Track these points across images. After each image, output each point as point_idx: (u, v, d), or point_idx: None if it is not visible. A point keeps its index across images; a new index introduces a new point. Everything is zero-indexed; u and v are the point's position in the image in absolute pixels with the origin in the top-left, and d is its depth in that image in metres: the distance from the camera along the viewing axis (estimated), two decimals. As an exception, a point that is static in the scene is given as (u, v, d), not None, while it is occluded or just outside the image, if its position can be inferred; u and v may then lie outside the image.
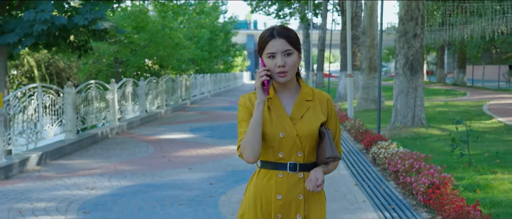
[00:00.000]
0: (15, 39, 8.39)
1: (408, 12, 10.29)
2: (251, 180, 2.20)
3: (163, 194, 5.77)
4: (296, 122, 2.10)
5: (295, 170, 2.10)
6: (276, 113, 2.11)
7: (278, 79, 2.08)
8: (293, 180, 2.10)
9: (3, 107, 6.76)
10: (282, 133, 2.08)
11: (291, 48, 2.08)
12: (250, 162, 2.06)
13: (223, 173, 6.87)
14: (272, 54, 2.07)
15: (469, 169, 6.33)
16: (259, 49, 2.12)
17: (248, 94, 2.18)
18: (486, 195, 5.10)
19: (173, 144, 9.56)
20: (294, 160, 2.10)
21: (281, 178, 2.10)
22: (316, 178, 2.04)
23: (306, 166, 2.12)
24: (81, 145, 9.09)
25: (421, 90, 10.37)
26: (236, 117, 8.95)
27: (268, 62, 2.08)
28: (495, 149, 7.76)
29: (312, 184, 2.02)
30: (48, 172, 7.03)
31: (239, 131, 2.13)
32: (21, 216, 4.94)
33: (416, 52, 10.29)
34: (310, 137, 2.10)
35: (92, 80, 10.88)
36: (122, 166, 7.46)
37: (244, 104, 2.16)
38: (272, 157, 2.11)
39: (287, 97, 2.15)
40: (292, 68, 2.08)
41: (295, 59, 2.09)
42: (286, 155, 2.09)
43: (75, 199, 5.55)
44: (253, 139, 2.02)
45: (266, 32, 2.10)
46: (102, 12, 9.04)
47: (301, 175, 2.11)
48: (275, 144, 2.08)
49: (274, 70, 2.06)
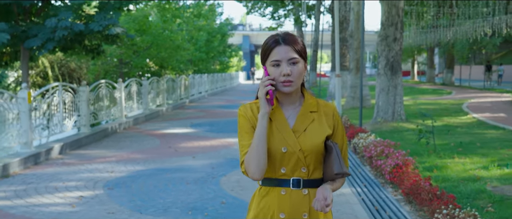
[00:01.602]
0: (38, 43, 9.45)
1: (388, 18, 11.38)
2: (253, 199, 2.05)
3: (172, 176, 6.82)
4: (299, 135, 1.94)
5: (299, 187, 1.94)
6: (278, 126, 1.95)
7: (283, 89, 1.92)
8: (297, 198, 1.94)
9: (31, 103, 7.80)
10: (285, 148, 1.93)
11: (297, 56, 1.93)
12: (256, 178, 1.89)
13: (223, 160, 7.93)
14: (276, 62, 1.91)
15: (433, 155, 7.42)
16: (263, 57, 1.97)
17: (249, 104, 2.02)
18: (440, 174, 6.19)
19: (176, 137, 10.61)
20: (297, 176, 1.94)
21: (284, 195, 1.94)
22: (324, 197, 1.86)
23: (311, 182, 1.96)
24: (95, 137, 10.12)
25: (401, 88, 11.47)
26: (234, 115, 10.72)
27: (273, 70, 1.92)
28: (461, 140, 8.85)
29: (321, 204, 1.85)
30: (70, 160, 8.07)
31: (241, 144, 1.97)
32: (57, 191, 5.98)
33: (396, 54, 11.38)
34: (314, 152, 1.94)
35: (101, 80, 11.92)
36: (134, 155, 8.51)
37: (244, 115, 1.99)
38: (273, 173, 1.95)
39: (289, 108, 2.00)
40: (298, 77, 1.92)
41: (301, 68, 1.94)
42: (289, 171, 1.94)
43: (99, 179, 6.60)
44: (258, 154, 1.87)
45: (270, 39, 1.96)
46: (114, 19, 10.09)
47: (305, 192, 1.95)
48: (277, 159, 1.93)
49: (279, 79, 1.91)
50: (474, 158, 7.12)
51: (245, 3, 40.48)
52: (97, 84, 11.05)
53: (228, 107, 18.51)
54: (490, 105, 16.16)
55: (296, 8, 37.76)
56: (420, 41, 28.79)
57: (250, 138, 1.94)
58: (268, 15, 40.75)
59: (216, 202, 5.45)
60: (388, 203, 5.30)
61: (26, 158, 7.42)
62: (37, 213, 5.07)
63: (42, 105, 8.52)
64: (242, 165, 1.93)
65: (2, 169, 6.77)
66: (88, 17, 9.98)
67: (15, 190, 6.06)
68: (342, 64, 19.08)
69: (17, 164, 7.15)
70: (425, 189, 5.16)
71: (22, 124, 7.76)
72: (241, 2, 40.57)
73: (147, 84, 15.09)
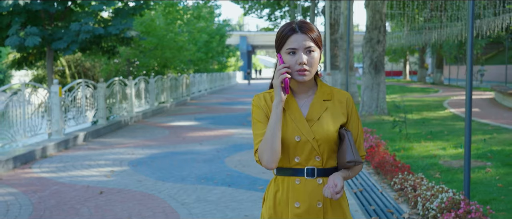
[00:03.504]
0: (64, 45, 10.76)
1: (372, 22, 12.72)
2: (268, 189, 2.05)
3: (184, 157, 8.12)
4: (313, 124, 1.93)
5: (313, 176, 1.93)
6: (291, 115, 1.94)
7: (298, 78, 1.90)
8: (311, 187, 1.93)
9: (62, 96, 9.10)
10: (298, 137, 1.91)
11: (313, 44, 1.90)
12: (270, 167, 1.89)
13: (226, 146, 9.24)
14: (292, 50, 1.89)
15: (403, 140, 8.74)
16: (278, 45, 1.93)
17: (262, 94, 2.01)
18: (406, 153, 7.52)
19: (183, 129, 11.91)
20: (311, 165, 1.93)
21: (298, 185, 1.94)
22: (334, 184, 1.86)
23: (325, 171, 1.95)
24: (111, 128, 11.42)
25: (383, 85, 12.81)
26: (233, 110, 12.79)
27: (288, 58, 1.89)
28: (432, 129, 10.18)
29: (330, 190, 1.84)
30: (94, 145, 9.37)
31: (255, 133, 1.96)
32: (91, 167, 7.28)
33: (379, 55, 12.72)
34: (328, 140, 1.92)
35: (115, 78, 13.22)
36: (148, 142, 9.81)
37: (258, 105, 1.99)
38: (287, 162, 1.95)
39: (303, 97, 1.98)
40: (314, 66, 1.91)
41: (316, 57, 1.92)
42: (303, 160, 1.93)
43: (123, 159, 7.90)
44: (272, 142, 1.85)
45: (286, 27, 1.92)
46: (129, 23, 11.41)
47: (320, 181, 1.94)
48: (291, 148, 1.92)
49: (294, 67, 1.89)
50: (437, 142, 8.46)
51: (242, 4, 41.86)
52: (111, 81, 12.34)
53: (228, 104, 19.84)
54: (469, 102, 17.52)
55: (292, 10, 39.08)
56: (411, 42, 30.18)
57: (264, 127, 1.93)
58: (265, 17, 42.15)
59: (222, 174, 6.75)
60: (361, 174, 6.62)
61: (59, 143, 8.72)
62: (80, 181, 6.37)
63: (69, 99, 9.81)
64: (256, 153, 1.92)
65: (42, 151, 8.07)
66: (104, 22, 11.29)
67: (56, 166, 7.36)
68: (334, 64, 20.42)
69: (52, 147, 8.45)
70: (389, 162, 6.48)
71: (54, 114, 9.06)
72: (239, 3, 41.97)
73: (154, 82, 16.39)
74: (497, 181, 5.64)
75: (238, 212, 4.92)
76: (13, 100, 7.94)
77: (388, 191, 5.69)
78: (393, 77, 55.60)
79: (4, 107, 7.67)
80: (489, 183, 5.60)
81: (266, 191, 2.06)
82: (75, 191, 5.83)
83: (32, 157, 7.73)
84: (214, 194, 5.64)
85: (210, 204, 5.22)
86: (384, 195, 5.46)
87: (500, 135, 9.26)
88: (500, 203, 4.76)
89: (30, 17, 11.19)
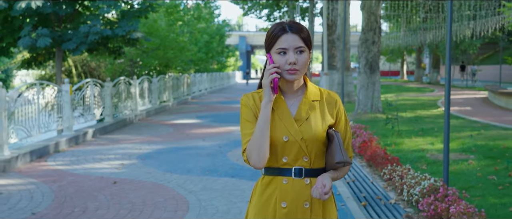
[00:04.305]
0: (73, 46, 11.29)
1: (368, 24, 13.23)
2: (255, 188, 2.05)
3: (188, 152, 8.63)
4: (301, 124, 1.94)
5: (300, 176, 1.94)
6: (280, 114, 1.94)
7: (287, 77, 1.91)
8: (299, 187, 1.94)
9: (73, 94, 9.60)
10: (286, 136, 1.92)
11: (303, 45, 1.91)
12: (258, 167, 1.89)
13: (227, 142, 9.75)
14: (283, 50, 1.90)
15: (395, 136, 9.27)
16: (268, 44, 1.95)
17: (251, 94, 2.02)
18: (397, 147, 8.04)
19: (186, 126, 12.42)
20: (299, 165, 1.94)
21: (286, 185, 1.94)
22: (323, 184, 1.86)
23: (312, 171, 1.95)
24: (117, 126, 11.93)
25: (378, 84, 13.33)
26: (233, 109, 13.47)
27: (278, 58, 1.91)
28: (424, 127, 10.70)
29: (319, 191, 1.85)
30: (103, 141, 9.88)
31: (243, 132, 1.96)
32: (102, 161, 7.79)
33: (374, 55, 13.24)
34: (316, 141, 1.93)
35: (120, 77, 13.72)
36: (153, 138, 10.32)
37: (246, 104, 1.99)
38: (275, 162, 1.95)
39: (292, 97, 1.99)
40: (303, 66, 1.92)
41: (306, 57, 1.93)
42: (291, 160, 1.94)
43: (132, 154, 8.41)
44: (261, 142, 1.86)
45: (276, 27, 1.93)
46: (135, 25, 11.94)
47: (307, 181, 1.94)
48: (279, 148, 1.93)
49: (284, 67, 1.90)
50: (427, 138, 8.98)
51: (242, 5, 42.41)
52: (117, 80, 12.85)
53: (228, 103, 20.36)
54: (462, 101, 18.06)
55: (291, 11, 39.61)
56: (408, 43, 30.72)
57: (252, 126, 1.93)
58: (264, 17, 42.70)
59: (225, 167, 7.26)
60: (354, 166, 7.13)
61: (70, 139, 9.23)
62: (94, 173, 6.88)
63: (79, 97, 10.32)
64: (244, 153, 1.92)
65: (55, 146, 8.57)
66: (111, 23, 11.83)
67: (70, 159, 7.87)
68: (331, 64, 20.96)
69: (64, 143, 8.96)
70: (380, 155, 7.00)
71: (65, 111, 9.57)
72: (238, 4, 42.51)
73: (156, 82, 16.89)
74: (477, 172, 6.17)
75: (241, 199, 5.44)
76: (29, 97, 8.45)
77: (378, 181, 6.21)
78: (390, 77, 56.18)
79: (20, 105, 8.18)
80: (470, 173, 6.12)
81: (253, 191, 2.07)
82: (90, 181, 6.34)
83: (46, 151, 8.24)
84: (218, 184, 6.16)
85: (215, 192, 5.73)
86: (374, 184, 5.98)
87: (487, 131, 9.79)
88: (477, 190, 5.28)
89: (40, 19, 11.74)
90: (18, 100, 8.11)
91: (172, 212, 4.99)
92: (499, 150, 7.59)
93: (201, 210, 5.05)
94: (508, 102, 14.85)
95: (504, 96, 15.32)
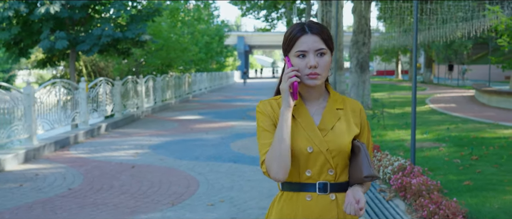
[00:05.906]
0: (87, 47, 12.28)
1: (358, 27, 14.24)
2: (272, 207, 1.87)
3: (194, 143, 9.61)
4: (326, 134, 1.75)
5: (325, 191, 1.75)
6: (302, 123, 1.76)
7: (308, 82, 1.73)
8: (324, 203, 1.75)
9: (88, 92, 10.59)
10: (310, 147, 1.74)
11: (325, 47, 1.74)
12: (279, 179, 1.70)
13: (229, 135, 10.73)
14: (302, 52, 1.73)
15: (380, 129, 10.26)
16: (286, 47, 1.77)
17: (268, 100, 1.82)
18: (380, 138, 9.05)
19: (190, 122, 13.40)
20: (324, 179, 1.75)
21: (309, 202, 1.75)
22: (357, 199, 1.68)
23: (338, 186, 1.77)
24: (126, 121, 12.91)
25: (368, 83, 14.33)
26: (233, 107, 14.83)
27: (297, 62, 1.74)
28: (409, 121, 11.70)
29: (354, 207, 1.66)
30: (115, 134, 10.86)
31: (262, 142, 1.77)
32: (119, 150, 8.77)
33: (364, 56, 14.24)
34: (343, 152, 1.75)
35: (128, 76, 14.70)
36: (161, 132, 11.30)
37: (264, 112, 1.80)
38: (297, 176, 1.76)
39: (314, 105, 1.81)
40: (325, 70, 1.74)
41: (328, 60, 1.75)
42: (315, 174, 1.75)
43: (143, 144, 9.39)
44: (281, 151, 1.68)
45: (295, 27, 1.77)
46: (143, 28, 12.94)
47: (333, 197, 1.76)
48: (301, 160, 1.74)
49: (304, 71, 1.73)
50: (409, 131, 9.99)
51: (240, 6, 43.45)
52: (126, 79, 13.84)
53: (227, 101, 21.37)
54: (449, 99, 19.10)
55: (288, 12, 40.67)
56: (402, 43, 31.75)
57: (271, 136, 1.76)
58: (262, 18, 43.76)
59: (229, 155, 8.25)
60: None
61: (86, 132, 10.20)
62: (113, 160, 7.86)
63: (93, 94, 11.31)
64: (262, 165, 1.74)
65: (74, 138, 9.56)
66: (120, 26, 12.83)
67: (89, 149, 8.86)
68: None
69: (82, 135, 9.94)
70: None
71: (82, 107, 10.55)
72: (237, 5, 43.56)
73: (160, 81, 17.88)
74: (445, 157, 7.17)
75: (243, 178, 6.44)
76: (52, 93, 9.43)
77: (361, 165, 7.20)
78: (386, 76, 57.24)
79: (44, 99, 9.16)
80: (439, 157, 7.13)
81: (269, 209, 1.90)
82: (111, 166, 7.32)
83: (67, 142, 9.22)
84: (223, 168, 7.15)
85: (220, 174, 6.72)
86: (357, 167, 6.97)
87: (465, 125, 10.80)
88: (441, 170, 6.28)
89: (56, 23, 12.74)
90: (43, 97, 9.10)
91: (185, 187, 5.98)
92: (468, 139, 8.61)
93: (209, 186, 6.04)
94: (490, 100, 15.88)
95: (486, 93, 16.35)
